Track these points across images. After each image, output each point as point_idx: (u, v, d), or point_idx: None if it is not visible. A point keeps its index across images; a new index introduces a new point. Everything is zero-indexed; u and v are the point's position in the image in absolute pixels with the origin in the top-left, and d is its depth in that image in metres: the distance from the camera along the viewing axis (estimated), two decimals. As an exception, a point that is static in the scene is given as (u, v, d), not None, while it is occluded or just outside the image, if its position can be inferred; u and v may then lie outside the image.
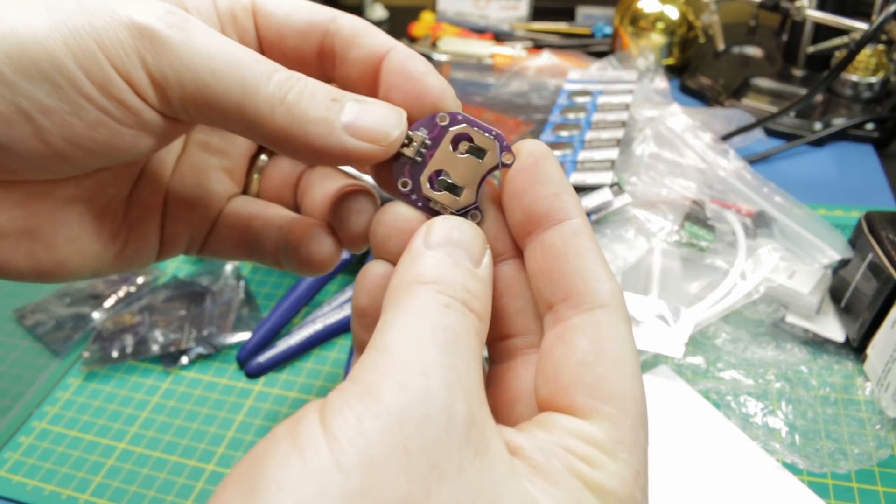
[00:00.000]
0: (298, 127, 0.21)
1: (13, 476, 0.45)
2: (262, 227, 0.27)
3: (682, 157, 0.60)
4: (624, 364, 0.20)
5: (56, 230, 0.23)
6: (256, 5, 0.24)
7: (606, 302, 0.20)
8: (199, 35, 0.20)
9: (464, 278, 0.20)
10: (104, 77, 0.19)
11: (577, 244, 0.21)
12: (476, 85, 0.79)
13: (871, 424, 0.43)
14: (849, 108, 0.71)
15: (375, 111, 0.22)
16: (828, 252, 0.49)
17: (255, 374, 0.50)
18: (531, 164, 0.22)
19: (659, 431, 0.43)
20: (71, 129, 0.20)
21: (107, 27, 0.19)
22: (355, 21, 0.24)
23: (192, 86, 0.20)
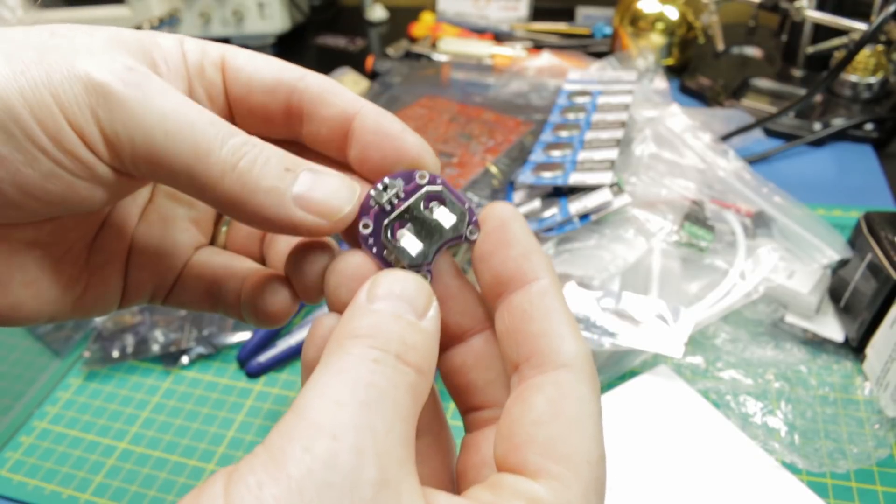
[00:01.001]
0: (249, 195, 0.20)
1: (14, 476, 0.45)
2: (226, 279, 0.27)
3: (682, 157, 0.60)
4: (580, 425, 0.19)
5: (12, 273, 0.23)
6: (226, 60, 0.24)
7: (569, 362, 0.20)
8: (155, 94, 0.20)
9: (402, 331, 0.19)
10: (57, 130, 0.19)
11: (544, 304, 0.21)
12: (476, 85, 0.79)
13: (870, 424, 0.43)
14: (848, 108, 0.71)
15: (328, 185, 0.21)
16: (827, 252, 0.50)
17: (256, 373, 0.50)
18: (498, 227, 0.22)
19: (658, 431, 0.44)
20: (24, 179, 0.20)
21: (63, 81, 0.19)
22: (323, 80, 0.24)
23: (142, 145, 0.20)
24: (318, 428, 0.17)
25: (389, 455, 0.17)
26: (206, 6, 0.88)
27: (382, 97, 0.77)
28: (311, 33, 1.01)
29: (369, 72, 0.86)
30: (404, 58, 0.90)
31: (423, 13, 0.98)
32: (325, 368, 0.18)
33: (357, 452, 0.16)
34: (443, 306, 0.23)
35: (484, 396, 0.23)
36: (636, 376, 0.47)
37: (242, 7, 0.88)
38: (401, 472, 0.17)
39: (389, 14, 1.04)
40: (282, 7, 0.90)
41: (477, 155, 0.65)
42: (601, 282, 0.49)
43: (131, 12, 0.86)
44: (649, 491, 0.40)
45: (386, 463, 0.17)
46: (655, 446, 0.43)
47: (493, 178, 0.63)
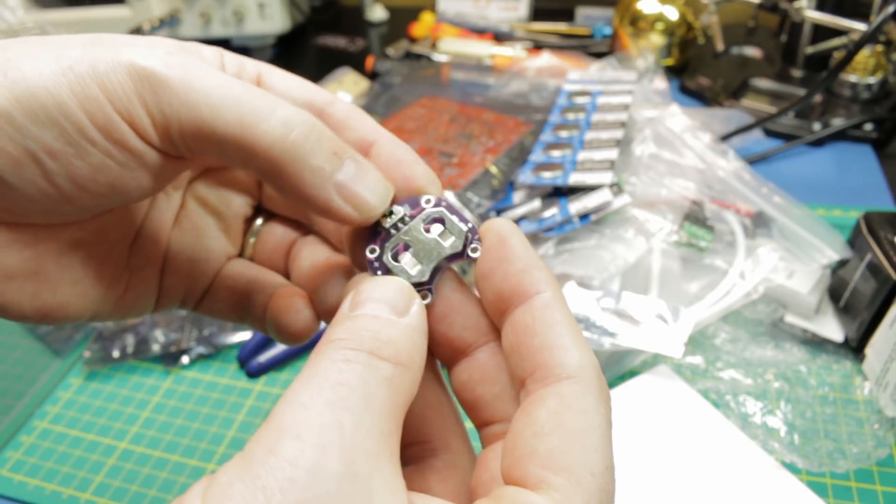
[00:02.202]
0: (296, 169, 0.21)
1: (15, 475, 0.45)
2: (255, 293, 0.28)
3: (682, 157, 0.60)
4: (584, 436, 0.19)
5: (60, 272, 0.24)
6: (262, 77, 0.25)
7: (574, 373, 0.20)
8: (198, 72, 0.21)
9: (378, 328, 0.20)
10: (107, 121, 0.20)
11: (547, 317, 0.21)
12: (476, 85, 0.80)
13: (869, 424, 0.43)
14: (847, 108, 0.71)
15: (369, 179, 0.22)
16: (827, 252, 0.50)
17: (256, 373, 0.50)
18: (497, 243, 0.22)
19: (658, 431, 0.44)
20: (76, 171, 0.21)
21: (108, 71, 0.20)
22: (349, 107, 0.25)
23: (189, 121, 0.20)
24: (284, 430, 0.17)
25: (358, 448, 0.17)
26: (206, 6, 0.88)
27: (382, 97, 0.77)
28: (312, 33, 1.01)
29: (369, 72, 0.86)
30: (404, 58, 0.90)
31: (423, 13, 0.98)
32: (299, 375, 0.19)
33: (320, 448, 0.16)
34: (446, 322, 0.23)
35: (493, 411, 0.23)
36: (636, 376, 0.47)
37: (242, 7, 0.88)
38: (371, 464, 0.17)
39: (389, 14, 1.04)
40: (282, 7, 0.90)
41: (477, 155, 0.65)
42: (601, 282, 0.49)
43: (131, 12, 0.86)
44: (649, 491, 0.40)
45: (353, 456, 0.17)
46: (655, 446, 0.43)
47: (493, 178, 0.63)
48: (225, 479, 0.16)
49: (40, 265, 0.23)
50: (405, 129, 0.69)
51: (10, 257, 0.22)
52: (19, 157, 0.20)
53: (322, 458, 0.16)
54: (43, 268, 0.23)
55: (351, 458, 0.17)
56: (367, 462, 0.17)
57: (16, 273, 0.23)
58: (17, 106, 0.19)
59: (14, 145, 0.20)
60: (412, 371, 0.20)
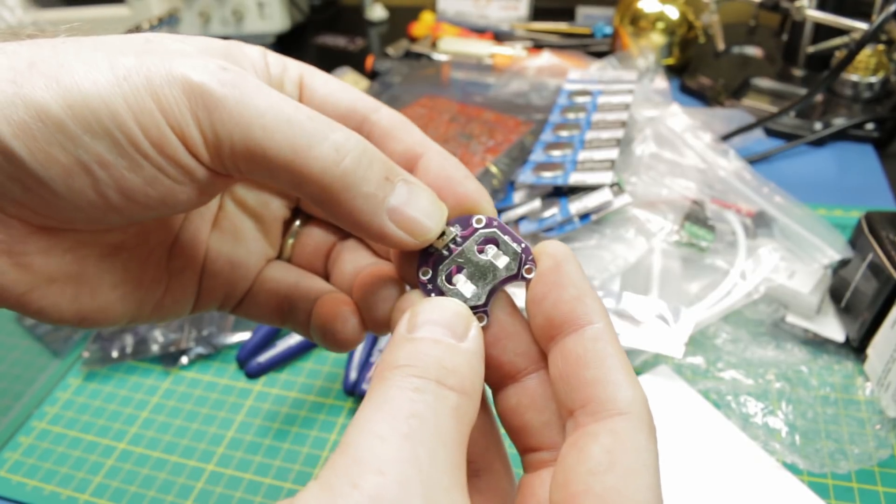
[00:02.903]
0: (348, 196, 0.21)
1: (13, 476, 0.45)
2: (298, 297, 0.28)
3: (682, 157, 0.60)
4: (638, 476, 0.19)
5: (101, 276, 0.24)
6: (304, 79, 0.24)
7: (626, 409, 0.20)
8: (251, 91, 0.20)
9: (441, 355, 0.20)
10: (160, 136, 0.20)
11: (598, 350, 0.21)
12: (476, 85, 0.79)
13: (871, 424, 0.43)
14: (849, 107, 0.71)
15: (422, 203, 0.22)
16: (828, 252, 0.49)
17: (255, 374, 0.50)
18: (552, 267, 0.22)
19: (659, 432, 0.43)
20: (127, 184, 0.20)
21: (163, 85, 0.20)
22: (395, 116, 0.25)
23: (241, 142, 0.20)
24: (364, 464, 0.17)
25: (435, 484, 0.17)
26: (205, 6, 0.88)
27: (382, 97, 0.77)
28: (311, 33, 1.01)
29: (369, 71, 0.86)
30: (404, 57, 0.90)
31: (423, 13, 0.98)
32: (368, 402, 0.19)
33: (402, 485, 0.17)
34: (498, 345, 0.23)
35: (540, 438, 0.23)
36: (636, 376, 0.47)
37: (242, 6, 0.88)
38: (447, 498, 0.17)
39: (389, 14, 1.04)
40: (281, 7, 0.90)
41: (477, 155, 0.65)
42: (601, 282, 0.49)
43: (131, 12, 0.85)
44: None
45: (432, 492, 0.17)
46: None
47: (493, 178, 0.63)
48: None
49: (81, 269, 0.23)
50: (405, 128, 0.69)
51: (51, 261, 0.22)
52: (70, 167, 0.19)
53: (405, 495, 0.17)
54: (83, 271, 0.23)
55: (429, 494, 0.17)
56: (442, 495, 0.17)
57: (56, 277, 0.22)
58: (71, 115, 0.19)
59: (66, 154, 0.19)
60: (474, 399, 0.20)
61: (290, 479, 0.44)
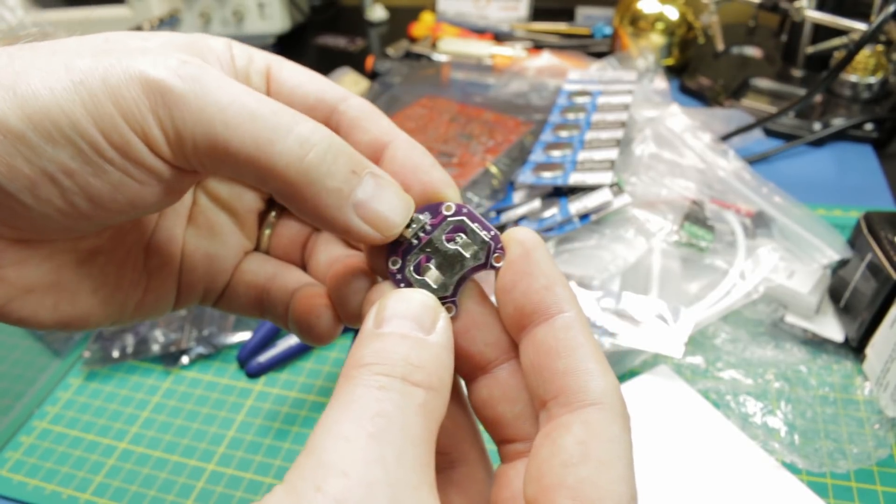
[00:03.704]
0: (313, 191, 0.20)
1: (14, 475, 0.45)
2: (276, 289, 0.27)
3: (682, 157, 0.60)
4: (611, 467, 0.19)
5: (79, 282, 0.23)
6: (271, 70, 0.24)
7: (598, 399, 0.20)
8: (212, 85, 0.20)
9: (408, 351, 0.19)
10: (122, 139, 0.20)
11: (569, 339, 0.20)
12: (476, 85, 0.79)
13: (869, 424, 0.43)
14: (848, 108, 0.71)
15: (388, 196, 0.22)
16: (827, 252, 0.50)
17: (256, 373, 0.50)
18: (521, 255, 0.21)
19: (659, 431, 0.44)
20: (94, 190, 0.20)
21: (121, 85, 0.19)
22: (363, 105, 0.24)
23: (203, 138, 0.20)
24: (329, 466, 0.17)
25: (402, 484, 0.17)
26: (206, 6, 0.88)
27: (382, 97, 0.77)
28: (311, 33, 1.01)
29: (369, 72, 0.86)
30: (404, 58, 0.90)
31: (423, 13, 0.98)
32: (334, 401, 0.19)
33: (367, 486, 0.17)
34: (468, 336, 0.23)
35: (514, 430, 0.23)
36: (636, 376, 0.47)
37: (242, 7, 0.88)
38: (415, 497, 0.17)
39: (389, 14, 1.04)
40: (282, 7, 0.90)
41: (477, 155, 0.65)
42: (601, 282, 0.49)
43: (131, 12, 0.86)
44: (649, 491, 0.40)
45: (398, 492, 0.17)
46: (655, 446, 0.43)
47: (493, 178, 0.63)
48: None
49: (58, 277, 0.23)
50: (405, 128, 0.69)
51: (28, 272, 0.22)
52: (35, 178, 0.19)
53: (368, 495, 0.16)
54: (61, 279, 0.23)
55: (396, 493, 0.17)
56: (409, 495, 0.17)
57: (34, 287, 0.22)
58: (31, 126, 0.19)
59: (30, 166, 0.19)
60: (442, 394, 0.20)
61: (291, 478, 0.44)
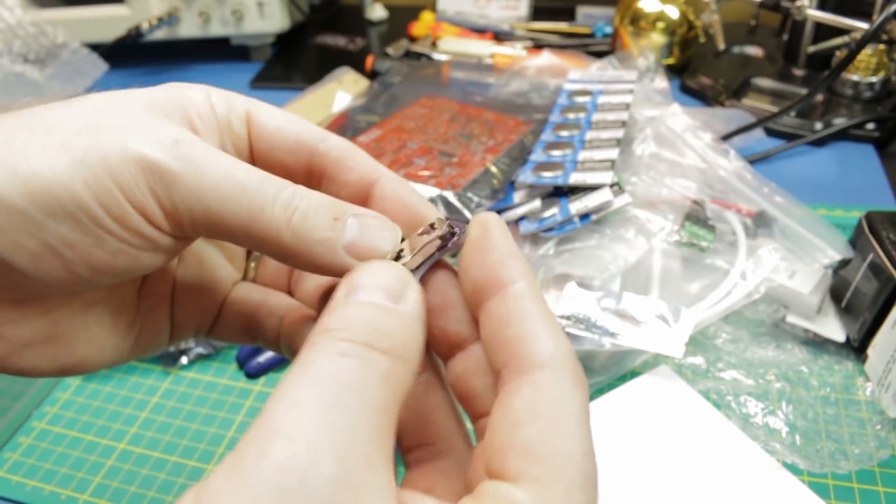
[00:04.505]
0: (304, 247, 0.22)
1: (13, 476, 0.45)
2: (264, 315, 0.28)
3: (683, 156, 0.60)
4: (559, 423, 0.19)
5: (75, 333, 0.24)
6: (251, 115, 0.25)
7: (546, 362, 0.20)
8: (205, 163, 0.21)
9: (373, 317, 0.20)
10: (121, 212, 0.21)
11: (519, 307, 0.21)
12: (476, 85, 0.79)
13: (871, 425, 0.43)
14: (849, 107, 0.71)
15: (373, 230, 0.23)
16: (828, 252, 0.49)
17: (255, 374, 0.50)
18: (479, 235, 0.22)
19: (659, 432, 0.43)
20: (94, 259, 0.21)
21: (120, 165, 0.20)
22: (342, 145, 0.25)
23: (200, 213, 0.21)
24: (275, 430, 0.16)
25: (352, 451, 0.17)
26: (205, 5, 0.88)
27: (382, 97, 0.77)
28: (311, 33, 1.00)
29: (369, 71, 0.86)
30: (404, 57, 0.90)
31: (423, 12, 0.98)
32: (293, 367, 0.18)
33: (312, 451, 0.16)
34: (443, 316, 0.23)
35: (487, 402, 0.23)
36: (637, 377, 0.47)
37: (242, 6, 0.88)
38: (364, 467, 0.17)
39: (389, 13, 1.04)
40: (281, 6, 0.90)
41: (477, 154, 0.65)
42: (602, 282, 0.49)
43: (130, 11, 0.85)
44: (649, 491, 0.40)
45: (347, 459, 0.16)
46: (656, 447, 0.43)
47: (493, 178, 0.63)
48: (215, 485, 0.16)
49: (55, 331, 0.24)
50: (405, 128, 0.69)
51: (25, 329, 0.23)
52: (38, 251, 0.20)
53: (314, 462, 0.16)
54: (58, 332, 0.24)
55: (344, 460, 0.16)
56: (359, 464, 0.17)
57: (32, 342, 0.23)
58: (34, 202, 0.20)
59: (32, 240, 0.20)
60: (409, 362, 0.20)
61: (290, 479, 0.44)
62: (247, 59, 0.94)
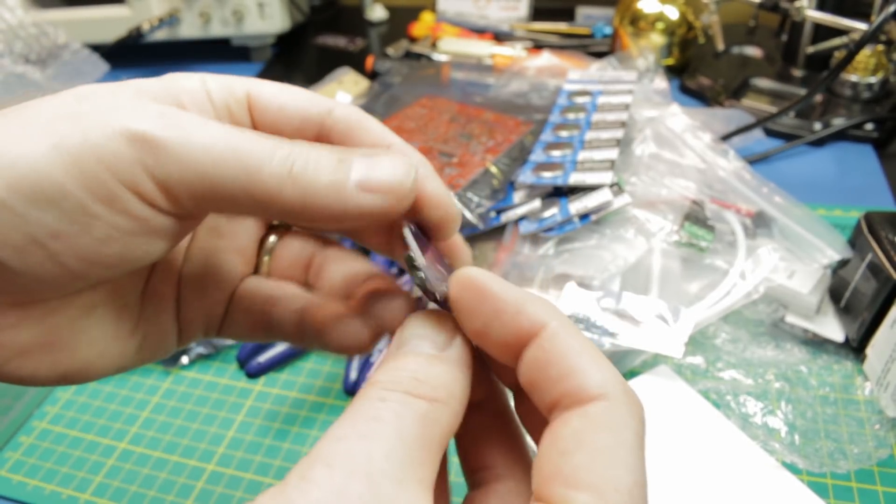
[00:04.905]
0: (311, 197, 0.20)
1: (14, 476, 0.45)
2: (278, 310, 0.27)
3: (682, 157, 0.60)
4: (609, 452, 0.19)
5: (76, 339, 0.23)
6: (251, 96, 0.24)
7: (597, 393, 0.19)
8: (194, 129, 0.20)
9: (415, 367, 0.20)
10: (109, 193, 0.19)
11: (557, 346, 0.20)
12: (476, 85, 0.79)
13: (870, 424, 0.43)
14: (848, 108, 0.71)
15: (385, 163, 0.21)
16: (827, 252, 0.49)
17: (256, 373, 0.50)
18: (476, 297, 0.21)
19: (659, 432, 0.43)
20: (83, 248, 0.20)
21: (104, 141, 0.19)
22: (351, 113, 0.24)
23: (196, 181, 0.20)
24: (316, 459, 0.18)
25: (385, 474, 0.17)
26: (205, 6, 0.88)
27: (382, 97, 0.77)
28: (311, 33, 1.01)
29: (369, 72, 0.86)
30: (404, 58, 0.90)
31: (423, 13, 0.98)
32: (340, 416, 0.19)
33: (348, 475, 0.17)
34: None
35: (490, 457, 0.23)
36: (636, 376, 0.47)
37: (242, 7, 0.88)
38: (396, 488, 0.17)
39: (389, 14, 1.04)
40: (282, 7, 0.90)
41: (477, 155, 0.65)
42: (601, 282, 0.49)
43: (131, 12, 0.85)
44: (649, 491, 0.40)
45: (379, 480, 0.17)
46: (655, 446, 0.43)
47: (493, 178, 0.63)
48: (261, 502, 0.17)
49: (55, 337, 0.23)
50: (405, 128, 0.69)
51: (22, 334, 0.22)
52: (22, 244, 0.19)
53: (346, 483, 0.17)
54: (58, 338, 0.23)
55: (376, 481, 0.17)
56: (391, 486, 0.17)
57: (30, 348, 0.22)
58: (12, 192, 0.19)
59: (15, 233, 0.19)
60: (450, 406, 0.20)
61: (291, 478, 0.44)
62: (247, 59, 0.94)
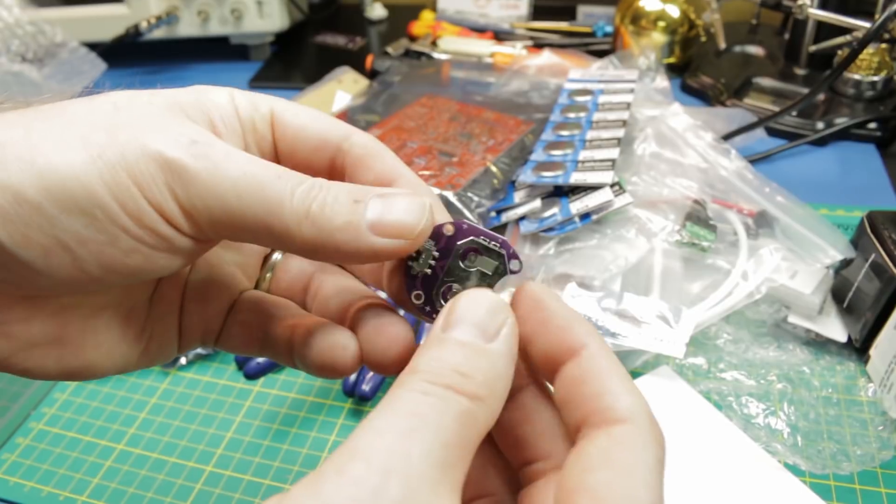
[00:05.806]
0: (327, 236, 0.21)
1: (11, 477, 0.45)
2: (273, 326, 0.27)
3: (684, 156, 0.59)
4: (630, 471, 0.19)
5: (84, 337, 0.24)
6: (275, 115, 0.25)
7: (625, 417, 0.20)
8: (222, 161, 0.21)
9: (459, 360, 0.20)
10: (138, 209, 0.20)
11: (593, 367, 0.21)
12: (476, 84, 0.79)
13: (873, 425, 0.43)
14: (851, 107, 0.71)
15: (399, 205, 0.22)
16: (830, 252, 0.49)
17: (254, 374, 0.50)
18: (534, 307, 0.23)
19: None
20: (107, 257, 0.21)
21: (138, 161, 0.20)
22: (367, 143, 0.25)
23: (219, 212, 0.21)
24: (354, 453, 0.18)
25: (421, 476, 0.18)
26: (204, 4, 0.88)
27: (382, 96, 0.76)
28: (311, 32, 1.00)
29: (369, 70, 0.86)
30: (404, 56, 0.89)
31: (423, 11, 0.97)
32: (380, 403, 0.19)
33: (384, 473, 0.17)
34: None
35: (535, 449, 0.23)
36: (638, 377, 0.47)
37: (241, 5, 0.88)
38: (431, 493, 0.18)
39: (389, 12, 1.04)
40: (281, 5, 0.90)
41: (477, 154, 0.64)
42: (602, 282, 0.49)
43: (129, 10, 0.85)
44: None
45: (415, 484, 0.17)
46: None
47: (493, 178, 0.62)
48: (295, 494, 0.17)
49: (63, 332, 0.23)
50: (405, 128, 0.69)
51: (33, 327, 0.22)
52: (49, 247, 0.20)
53: (384, 483, 0.17)
54: (67, 335, 0.23)
55: (412, 484, 0.17)
56: (425, 490, 0.18)
57: (38, 341, 0.23)
58: (48, 196, 0.19)
59: (44, 235, 0.20)
60: (491, 404, 0.20)
61: (290, 479, 0.44)
62: (246, 58, 0.94)
